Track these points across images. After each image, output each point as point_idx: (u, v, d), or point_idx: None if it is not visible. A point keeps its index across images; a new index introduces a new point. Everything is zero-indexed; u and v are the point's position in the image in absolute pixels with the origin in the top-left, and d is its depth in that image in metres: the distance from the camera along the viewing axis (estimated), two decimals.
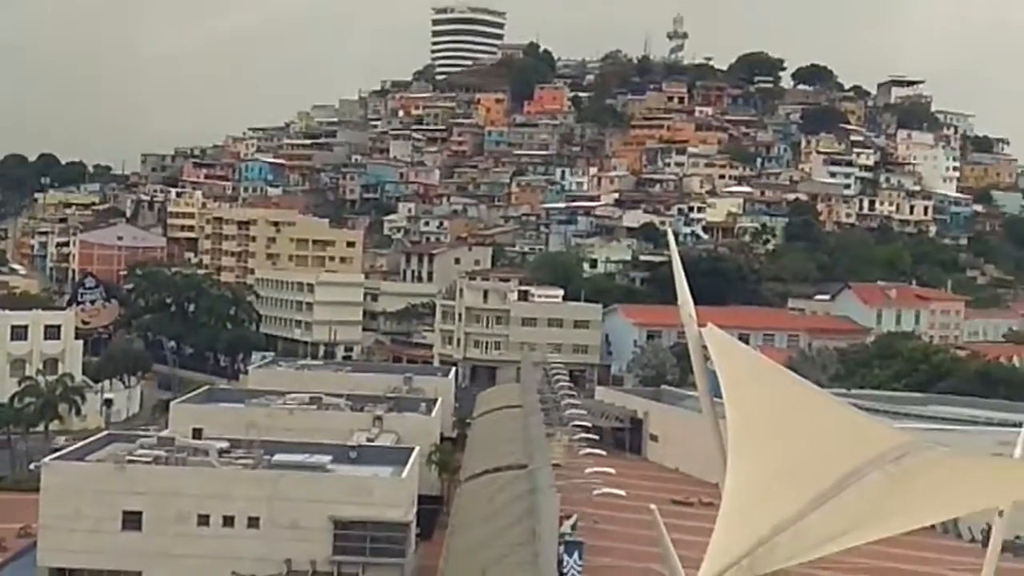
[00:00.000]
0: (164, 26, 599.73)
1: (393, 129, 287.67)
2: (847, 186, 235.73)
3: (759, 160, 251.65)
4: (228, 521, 62.41)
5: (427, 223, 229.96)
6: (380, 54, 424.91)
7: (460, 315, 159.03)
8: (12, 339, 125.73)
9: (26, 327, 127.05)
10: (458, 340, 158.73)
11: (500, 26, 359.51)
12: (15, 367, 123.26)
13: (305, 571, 61.17)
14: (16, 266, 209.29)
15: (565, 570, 48.68)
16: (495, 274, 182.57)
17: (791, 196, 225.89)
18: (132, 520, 62.58)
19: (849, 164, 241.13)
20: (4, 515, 79.99)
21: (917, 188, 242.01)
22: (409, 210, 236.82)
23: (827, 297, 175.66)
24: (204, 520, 62.46)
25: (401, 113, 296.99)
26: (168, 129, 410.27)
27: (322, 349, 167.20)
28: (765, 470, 51.28)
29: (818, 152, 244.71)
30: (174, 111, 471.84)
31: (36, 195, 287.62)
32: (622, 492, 60.14)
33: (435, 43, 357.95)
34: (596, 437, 76.67)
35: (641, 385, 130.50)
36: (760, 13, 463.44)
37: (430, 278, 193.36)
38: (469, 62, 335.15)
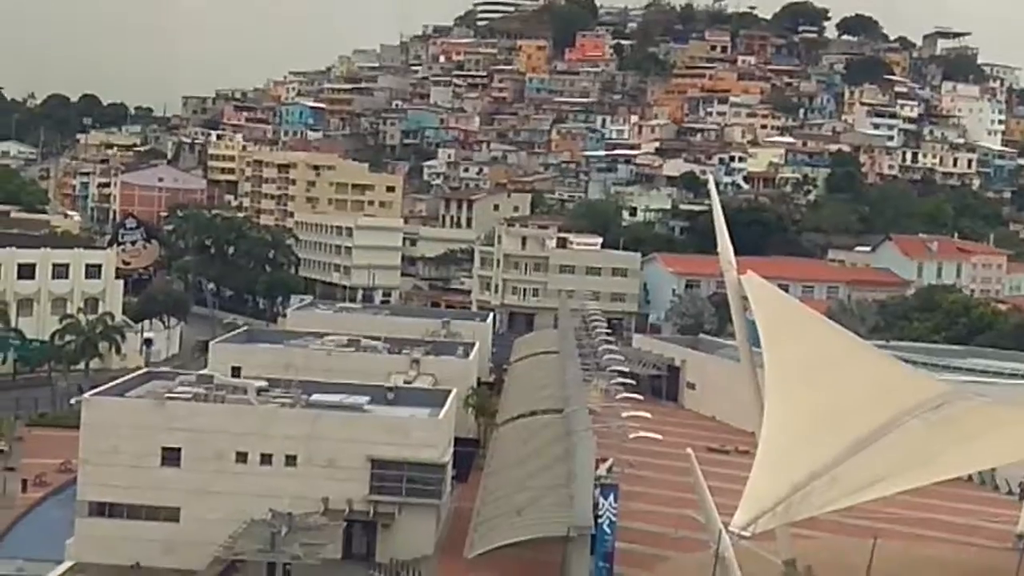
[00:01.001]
0: None
1: (434, 75, 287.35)
2: (890, 138, 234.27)
3: (802, 111, 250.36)
4: (266, 459, 62.69)
5: (467, 169, 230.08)
6: None
7: (498, 261, 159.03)
8: (53, 278, 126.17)
9: (67, 266, 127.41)
10: (496, 286, 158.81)
11: None
12: (56, 305, 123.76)
13: (342, 510, 61.47)
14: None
15: (600, 512, 48.78)
16: (534, 221, 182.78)
17: (833, 147, 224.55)
18: (171, 456, 62.95)
19: (893, 116, 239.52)
20: (45, 451, 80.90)
21: (961, 141, 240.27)
22: (449, 156, 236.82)
23: (868, 249, 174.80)
24: (242, 458, 62.74)
25: (442, 59, 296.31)
26: (210, 72, 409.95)
27: (360, 293, 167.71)
28: (802, 417, 50.84)
29: (861, 103, 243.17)
30: (216, 54, 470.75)
31: (78, 136, 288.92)
32: (658, 436, 60.25)
33: None
34: (633, 382, 76.70)
35: (679, 334, 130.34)
36: None
37: (469, 224, 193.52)
38: (511, 8, 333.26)
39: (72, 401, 77.11)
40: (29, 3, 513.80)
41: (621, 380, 73.85)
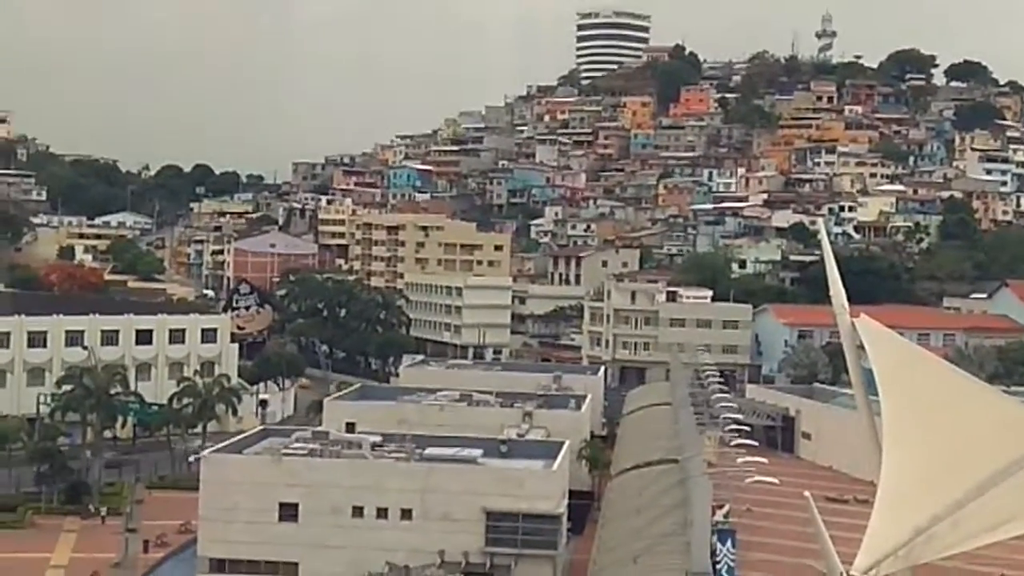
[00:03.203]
0: (316, 38, 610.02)
1: (539, 134, 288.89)
2: (1004, 183, 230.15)
3: (911, 158, 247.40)
4: (382, 513, 63.14)
5: (574, 226, 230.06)
6: (526, 60, 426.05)
7: (608, 316, 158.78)
8: (170, 343, 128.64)
9: (183, 331, 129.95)
10: (606, 341, 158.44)
11: (645, 29, 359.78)
12: (173, 370, 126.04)
13: (458, 562, 61.52)
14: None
15: (718, 558, 48.22)
16: (643, 276, 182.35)
17: (945, 194, 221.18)
18: (288, 511, 63.67)
19: (1005, 161, 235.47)
20: (165, 512, 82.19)
21: None
22: (556, 214, 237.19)
23: (984, 295, 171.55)
24: (358, 512, 63.26)
25: (547, 118, 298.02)
26: (318, 139, 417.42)
27: (471, 351, 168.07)
28: (923, 459, 49.68)
29: (973, 149, 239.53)
30: (324, 121, 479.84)
31: (192, 205, 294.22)
32: (775, 480, 59.47)
33: (580, 47, 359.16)
34: (748, 430, 75.93)
35: (792, 385, 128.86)
36: (911, 10, 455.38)
37: (577, 281, 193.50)
38: (614, 66, 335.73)
39: (191, 459, 78.22)
40: (140, 79, 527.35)
41: (735, 428, 73.18)
